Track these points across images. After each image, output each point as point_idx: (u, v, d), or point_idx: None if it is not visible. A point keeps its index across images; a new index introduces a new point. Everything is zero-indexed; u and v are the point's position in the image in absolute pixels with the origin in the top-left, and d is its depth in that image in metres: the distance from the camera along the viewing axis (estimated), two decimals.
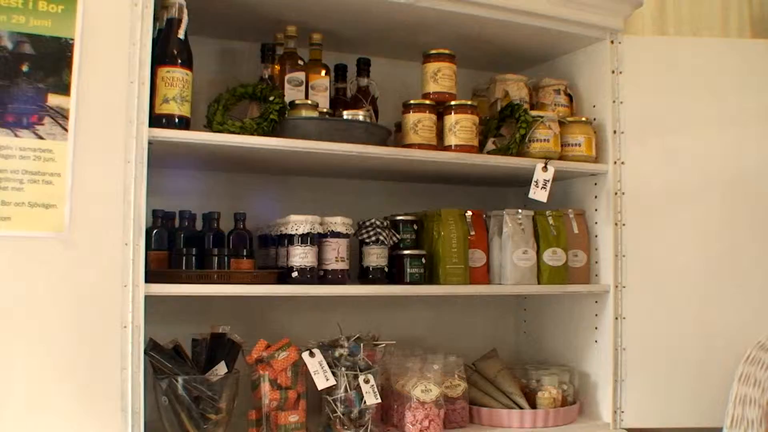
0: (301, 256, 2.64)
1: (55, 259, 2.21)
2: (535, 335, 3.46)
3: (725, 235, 2.95)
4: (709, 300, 2.95)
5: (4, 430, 2.16)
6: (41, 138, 2.18)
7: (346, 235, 2.73)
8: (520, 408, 2.95)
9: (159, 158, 2.43)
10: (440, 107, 2.88)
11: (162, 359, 2.52)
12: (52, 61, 2.21)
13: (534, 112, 2.99)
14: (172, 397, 2.51)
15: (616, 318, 3.00)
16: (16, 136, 2.15)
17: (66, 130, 2.21)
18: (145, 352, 2.37)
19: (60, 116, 2.20)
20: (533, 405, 2.98)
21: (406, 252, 2.87)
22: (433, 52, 2.91)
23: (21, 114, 2.16)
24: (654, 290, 2.98)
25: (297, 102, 2.73)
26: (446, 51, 2.91)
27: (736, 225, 2.96)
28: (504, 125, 3.04)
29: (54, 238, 2.21)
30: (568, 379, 3.09)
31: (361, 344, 2.74)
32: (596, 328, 3.07)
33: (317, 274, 2.68)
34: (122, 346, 2.30)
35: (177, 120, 2.46)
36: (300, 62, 2.85)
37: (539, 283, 3.01)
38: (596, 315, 3.07)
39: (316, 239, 2.67)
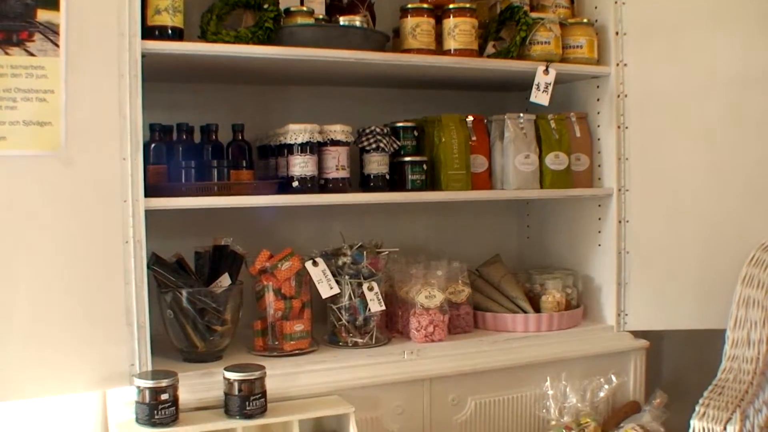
0: (301, 166, 2.62)
1: (54, 177, 2.21)
2: (538, 240, 3.47)
3: (730, 137, 2.92)
4: (714, 202, 2.93)
5: (11, 351, 2.18)
6: (32, 55, 2.14)
7: (346, 143, 2.71)
8: (525, 312, 2.98)
9: (154, 71, 2.39)
10: (438, 11, 2.83)
11: (165, 273, 2.53)
12: None
13: (534, 14, 2.92)
14: (176, 310, 2.53)
15: (620, 221, 2.99)
16: (6, 54, 2.12)
17: (57, 45, 2.17)
18: (148, 267, 2.38)
19: (50, 32, 2.16)
20: (537, 309, 3.00)
21: (407, 159, 2.86)
22: None
23: (10, 31, 2.12)
24: (657, 193, 2.96)
25: (292, 9, 2.67)
26: None
27: (741, 126, 2.91)
28: (504, 28, 2.98)
29: (51, 155, 2.19)
30: (572, 283, 3.10)
31: (364, 252, 2.74)
32: (599, 231, 3.07)
33: (318, 183, 2.67)
34: (125, 261, 2.32)
35: (170, 31, 2.42)
36: None
37: (542, 187, 2.99)
38: (599, 219, 3.06)
39: (315, 148, 2.65)
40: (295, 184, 2.62)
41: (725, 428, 2.34)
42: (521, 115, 2.97)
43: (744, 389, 2.45)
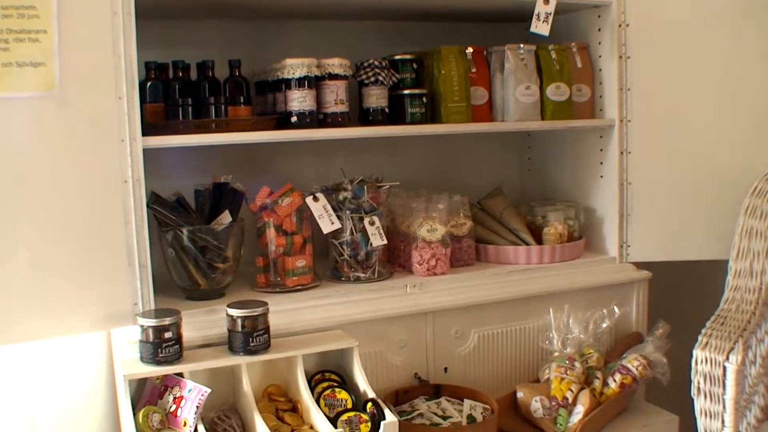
0: (299, 100, 2.59)
1: (50, 118, 2.18)
2: (540, 172, 3.45)
3: (734, 67, 2.87)
4: (717, 133, 2.90)
5: (14, 294, 2.19)
6: None
7: (344, 77, 2.68)
8: (527, 244, 2.98)
9: (148, 8, 2.35)
10: None
11: (165, 211, 2.53)
12: None
13: None
14: (178, 249, 2.53)
15: (622, 153, 2.97)
16: None
17: None
18: (147, 206, 2.37)
19: None
20: (539, 241, 3.00)
21: (407, 91, 2.83)
22: None
23: None
24: (660, 124, 2.93)
25: None
26: None
27: (747, 56, 2.86)
28: None
29: (46, 96, 2.16)
30: (574, 214, 3.09)
31: (365, 187, 2.74)
32: (601, 163, 3.05)
33: (317, 118, 2.65)
34: (124, 200, 2.31)
35: None
36: None
37: (543, 119, 2.96)
38: (601, 150, 3.04)
39: (313, 82, 2.62)
40: (294, 119, 2.60)
41: (728, 358, 2.35)
42: (521, 45, 2.92)
43: (746, 319, 2.46)
